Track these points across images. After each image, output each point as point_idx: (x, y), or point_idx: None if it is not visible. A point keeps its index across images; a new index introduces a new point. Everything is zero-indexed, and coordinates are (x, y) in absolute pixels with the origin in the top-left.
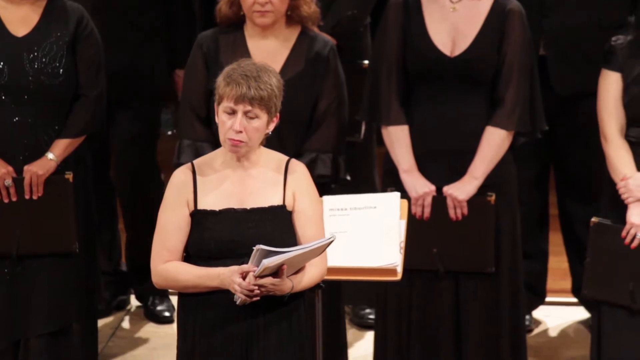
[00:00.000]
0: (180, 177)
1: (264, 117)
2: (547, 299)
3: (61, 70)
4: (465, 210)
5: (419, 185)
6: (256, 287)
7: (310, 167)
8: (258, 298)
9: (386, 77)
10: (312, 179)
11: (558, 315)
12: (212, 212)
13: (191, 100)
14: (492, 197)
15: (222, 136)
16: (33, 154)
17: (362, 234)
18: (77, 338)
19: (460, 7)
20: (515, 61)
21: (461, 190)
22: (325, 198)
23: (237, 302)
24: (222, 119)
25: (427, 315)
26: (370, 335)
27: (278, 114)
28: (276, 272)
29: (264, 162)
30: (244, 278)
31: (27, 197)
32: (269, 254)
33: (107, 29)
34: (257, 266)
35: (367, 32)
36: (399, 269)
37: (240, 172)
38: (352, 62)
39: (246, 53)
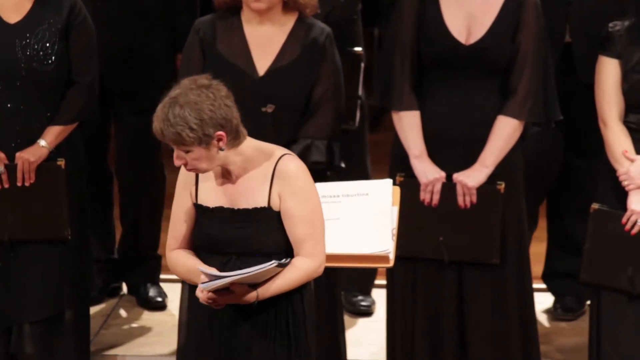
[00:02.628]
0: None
1: (196, 148)
2: None
3: (53, 57)
4: (475, 198)
5: (429, 171)
6: (211, 300)
7: (305, 153)
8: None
9: (399, 63)
10: (307, 165)
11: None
12: (207, 209)
13: None
14: (502, 186)
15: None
16: (25, 141)
17: (354, 220)
18: (70, 325)
19: None
20: (529, 50)
21: (471, 177)
22: (318, 185)
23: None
24: None
25: (432, 305)
26: (363, 322)
27: (222, 132)
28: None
29: (257, 159)
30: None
31: (19, 184)
32: (211, 277)
33: (108, 15)
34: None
35: (359, 20)
36: (391, 256)
37: (236, 170)
38: (345, 50)
39: (242, 39)
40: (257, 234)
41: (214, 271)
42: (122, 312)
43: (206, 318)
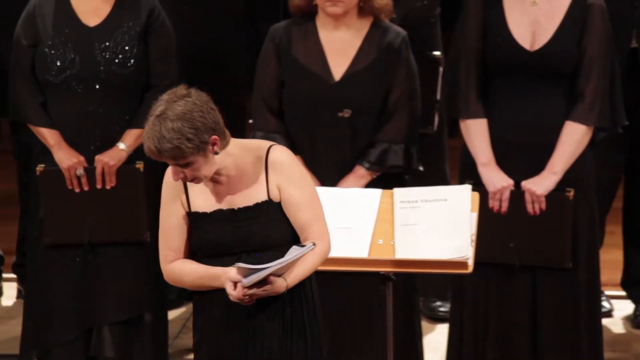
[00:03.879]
0: (171, 177)
1: (195, 158)
2: None
3: (132, 60)
4: (544, 206)
5: (497, 179)
6: (247, 297)
7: (383, 157)
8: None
9: (465, 70)
10: (385, 169)
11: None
12: (204, 214)
13: (263, 92)
14: (571, 193)
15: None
16: (104, 144)
17: (433, 226)
18: (149, 328)
19: (540, 0)
20: (595, 55)
21: (540, 185)
22: (396, 190)
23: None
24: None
25: (503, 309)
26: (441, 328)
27: (215, 136)
28: (265, 279)
29: (245, 156)
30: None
31: (98, 186)
32: (248, 271)
33: (191, 18)
34: (244, 276)
35: (437, 23)
36: (470, 262)
37: (229, 170)
38: (422, 53)
39: (318, 44)
40: (263, 228)
41: (251, 265)
42: None
43: (222, 318)
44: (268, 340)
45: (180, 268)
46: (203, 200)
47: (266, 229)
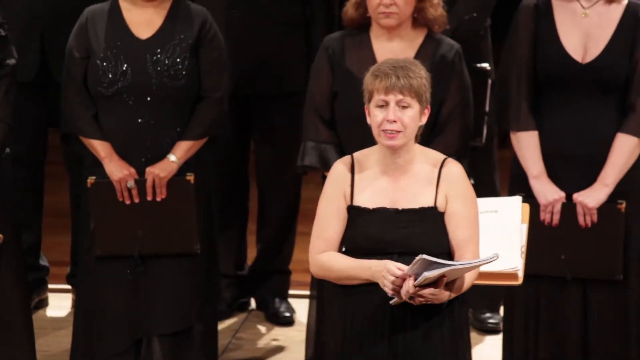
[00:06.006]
0: (340, 170)
1: (416, 106)
2: None
3: (184, 72)
4: (595, 218)
5: (549, 192)
6: (415, 296)
7: None
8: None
9: (516, 82)
10: None
11: None
12: (366, 210)
13: (315, 102)
14: (623, 205)
15: (377, 129)
16: (155, 156)
17: (484, 237)
18: (199, 339)
19: (592, 12)
20: None
21: (591, 197)
22: None
23: (391, 302)
24: (374, 114)
25: (555, 321)
26: (490, 340)
27: (429, 106)
28: (435, 281)
29: (419, 160)
30: (398, 279)
31: (149, 198)
32: (431, 264)
33: (243, 23)
34: (417, 273)
35: (488, 35)
36: (520, 274)
37: (396, 170)
38: (471, 66)
39: (371, 55)
40: (423, 233)
41: (436, 259)
42: (250, 327)
43: (365, 322)
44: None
45: (330, 257)
46: (367, 196)
47: (426, 235)
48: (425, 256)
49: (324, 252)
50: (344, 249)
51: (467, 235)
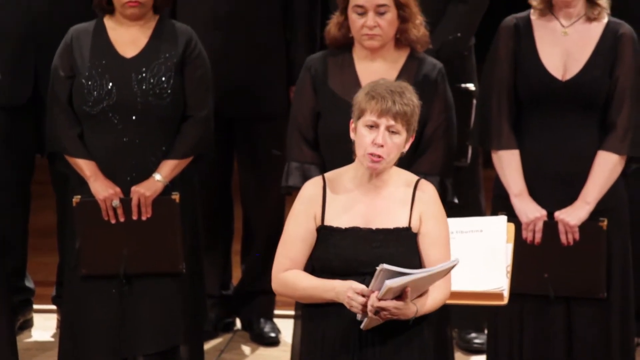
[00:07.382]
0: (310, 190)
1: (404, 134)
2: None
3: (169, 91)
4: (577, 236)
5: (530, 210)
6: (379, 310)
7: None
8: (381, 320)
9: (496, 101)
10: None
11: None
12: (338, 230)
13: (299, 123)
14: (604, 223)
15: (362, 150)
16: (140, 175)
17: (468, 257)
18: (184, 359)
19: (571, 30)
20: (627, 85)
21: (573, 215)
22: None
23: (362, 327)
24: (362, 133)
25: (539, 339)
26: None
27: (414, 135)
28: (399, 295)
29: (394, 181)
30: (365, 297)
31: (134, 217)
32: (393, 274)
33: (224, 44)
34: (380, 287)
35: (472, 55)
36: (506, 294)
37: (370, 190)
38: (456, 86)
39: (354, 75)
40: (396, 253)
41: (398, 268)
42: (236, 348)
43: (336, 343)
44: None
45: (295, 275)
46: (340, 215)
47: (399, 255)
48: (386, 266)
49: (288, 270)
50: (311, 269)
51: (440, 255)
